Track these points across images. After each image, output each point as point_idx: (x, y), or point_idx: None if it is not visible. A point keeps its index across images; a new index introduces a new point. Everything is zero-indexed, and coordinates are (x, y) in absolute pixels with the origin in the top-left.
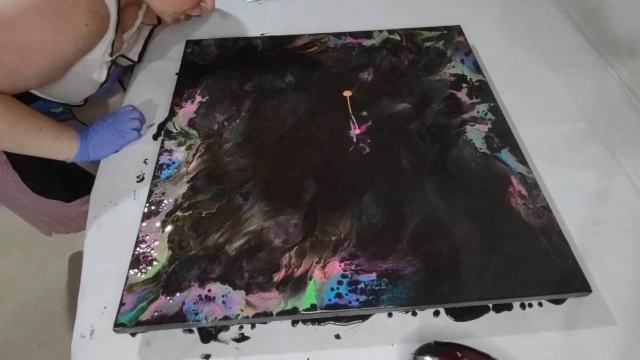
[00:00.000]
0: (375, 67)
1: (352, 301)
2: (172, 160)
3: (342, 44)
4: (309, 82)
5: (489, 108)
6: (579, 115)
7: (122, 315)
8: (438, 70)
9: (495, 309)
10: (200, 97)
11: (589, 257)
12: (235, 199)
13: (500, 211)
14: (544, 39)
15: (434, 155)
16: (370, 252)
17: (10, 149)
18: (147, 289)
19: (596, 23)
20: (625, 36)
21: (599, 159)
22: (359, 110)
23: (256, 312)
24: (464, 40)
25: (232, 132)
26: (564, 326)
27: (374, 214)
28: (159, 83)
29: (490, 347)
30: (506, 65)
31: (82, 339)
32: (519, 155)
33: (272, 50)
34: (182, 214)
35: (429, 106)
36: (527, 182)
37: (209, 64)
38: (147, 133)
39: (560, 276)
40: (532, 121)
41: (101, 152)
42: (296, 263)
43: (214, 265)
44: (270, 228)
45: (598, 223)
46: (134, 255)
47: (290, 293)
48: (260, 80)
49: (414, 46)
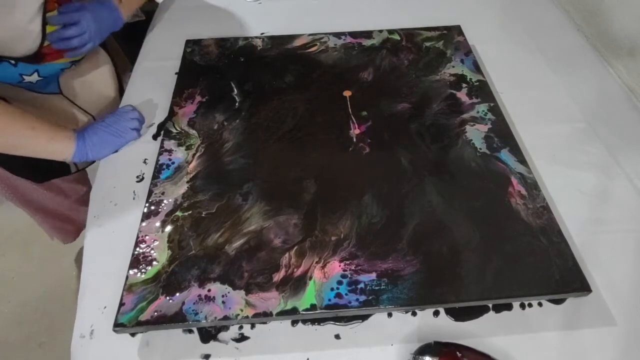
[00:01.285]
0: (375, 67)
1: (352, 301)
2: (171, 160)
3: (342, 44)
4: (309, 82)
5: (488, 108)
6: (579, 115)
7: (122, 315)
8: (438, 70)
9: (495, 309)
10: (200, 97)
11: (589, 257)
12: (235, 199)
13: (500, 211)
14: (544, 39)
15: (434, 155)
16: (370, 252)
17: (4, 149)
18: (147, 289)
19: (596, 23)
20: (625, 36)
21: (599, 159)
22: (359, 110)
23: (256, 312)
24: (463, 40)
25: (232, 132)
26: (563, 326)
27: (374, 214)
28: (158, 83)
29: (490, 347)
30: (506, 65)
31: (82, 339)
32: (519, 155)
33: (272, 50)
34: (182, 214)
35: (429, 106)
36: (527, 182)
37: (209, 64)
38: (147, 133)
39: (560, 276)
40: (532, 121)
41: (100, 152)
42: (296, 263)
43: (214, 265)
44: (270, 228)
45: (598, 223)
46: (133, 255)
47: (290, 293)
48: (260, 80)
49: (413, 46)
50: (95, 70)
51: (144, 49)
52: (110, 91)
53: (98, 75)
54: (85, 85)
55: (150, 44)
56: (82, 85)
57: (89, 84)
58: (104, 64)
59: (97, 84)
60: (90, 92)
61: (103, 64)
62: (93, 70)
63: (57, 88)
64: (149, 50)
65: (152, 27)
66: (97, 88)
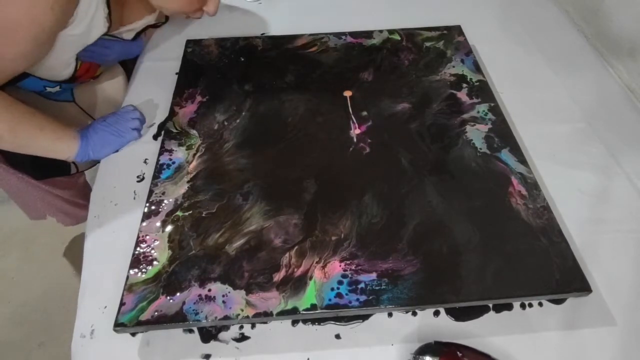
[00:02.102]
0: (376, 67)
1: (352, 301)
2: (172, 160)
3: (342, 44)
4: (309, 82)
5: (489, 108)
6: (579, 115)
7: (122, 315)
8: (438, 70)
9: (495, 309)
10: (200, 97)
11: (589, 257)
12: (236, 198)
13: (500, 211)
14: (544, 39)
15: (434, 155)
16: (371, 252)
17: (11, 148)
18: (147, 288)
19: (596, 23)
20: (625, 36)
21: (599, 159)
22: (359, 110)
23: (256, 312)
24: (464, 40)
25: (232, 132)
26: (564, 326)
27: (374, 213)
28: (159, 83)
29: (490, 347)
30: (506, 65)
31: (82, 338)
32: (519, 155)
33: (272, 50)
34: (182, 213)
35: (429, 106)
36: (527, 182)
37: (209, 64)
38: (147, 133)
39: (560, 276)
40: (532, 121)
41: (101, 151)
42: (296, 263)
43: (214, 265)
44: (270, 228)
45: (598, 223)
46: (134, 255)
47: (290, 293)
48: (260, 80)
49: (414, 46)
50: (109, 81)
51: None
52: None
53: (112, 85)
54: (99, 95)
55: (150, 44)
56: (96, 95)
57: (102, 94)
58: (118, 74)
59: (109, 95)
60: (102, 102)
61: (117, 74)
62: (107, 81)
63: (70, 96)
64: (149, 50)
65: None
66: (110, 98)
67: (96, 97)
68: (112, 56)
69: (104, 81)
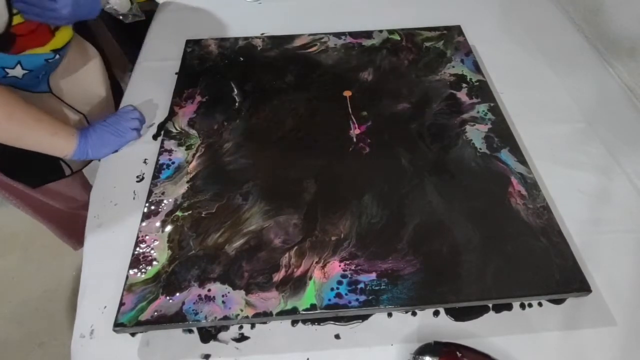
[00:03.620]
0: (375, 67)
1: (351, 301)
2: (171, 160)
3: (342, 44)
4: (309, 82)
5: (488, 108)
6: (579, 115)
7: (122, 315)
8: (438, 70)
9: (495, 309)
10: (200, 97)
11: (589, 257)
12: (235, 198)
13: (500, 211)
14: (544, 39)
15: (434, 155)
16: (370, 252)
17: (8, 139)
18: (147, 288)
19: (596, 23)
20: (625, 36)
21: (599, 159)
22: (359, 110)
23: (256, 312)
24: (464, 40)
25: (232, 132)
26: (564, 326)
27: (374, 214)
28: (158, 83)
29: (490, 347)
30: (506, 65)
31: (82, 338)
32: (519, 155)
33: (272, 50)
34: (182, 213)
35: (429, 106)
36: (527, 182)
37: (209, 64)
38: (147, 133)
39: (560, 276)
40: (532, 121)
41: (100, 151)
42: (296, 263)
43: (214, 265)
44: (270, 228)
45: (598, 223)
46: (133, 255)
47: (290, 293)
48: (260, 80)
49: (414, 46)
50: (84, 67)
51: (144, 49)
52: (100, 89)
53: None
54: (74, 82)
55: (150, 44)
56: (71, 83)
57: (78, 81)
58: (93, 57)
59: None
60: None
61: (92, 57)
62: (82, 67)
63: (47, 87)
64: (149, 50)
65: (152, 27)
66: (87, 85)
67: (72, 84)
68: (61, 11)
69: (77, 65)
